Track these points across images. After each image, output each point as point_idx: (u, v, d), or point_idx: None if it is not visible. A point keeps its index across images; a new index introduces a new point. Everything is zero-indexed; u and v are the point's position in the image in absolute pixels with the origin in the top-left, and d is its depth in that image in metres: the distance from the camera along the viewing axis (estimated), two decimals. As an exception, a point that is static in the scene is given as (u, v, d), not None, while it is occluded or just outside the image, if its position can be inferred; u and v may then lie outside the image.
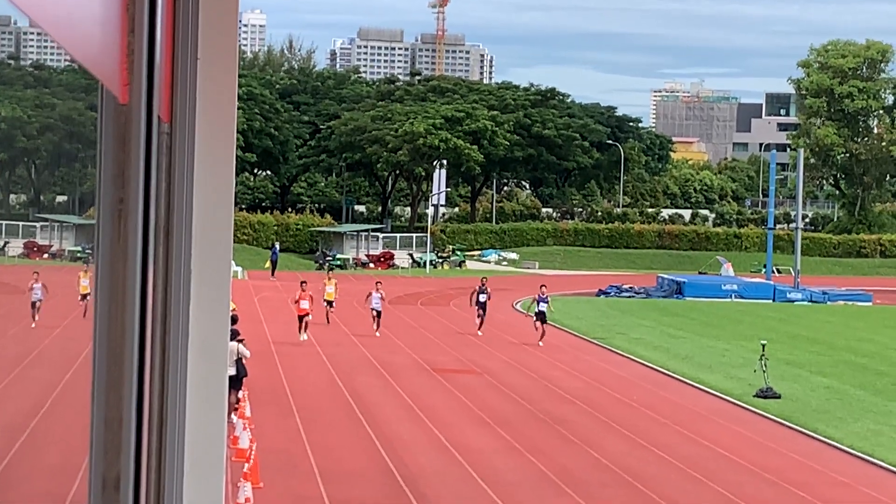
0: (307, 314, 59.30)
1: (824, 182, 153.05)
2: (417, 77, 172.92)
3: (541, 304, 56.91)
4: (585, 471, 35.65)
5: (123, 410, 2.44)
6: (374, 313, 62.04)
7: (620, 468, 36.06)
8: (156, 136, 2.55)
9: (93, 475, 2.42)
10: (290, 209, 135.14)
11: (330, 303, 65.78)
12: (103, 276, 2.39)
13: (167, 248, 2.97)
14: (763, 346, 51.78)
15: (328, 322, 60.91)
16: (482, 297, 60.90)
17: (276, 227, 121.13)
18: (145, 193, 2.36)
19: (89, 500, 2.49)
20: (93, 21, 1.79)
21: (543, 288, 60.07)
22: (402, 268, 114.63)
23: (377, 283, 61.24)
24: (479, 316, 63.77)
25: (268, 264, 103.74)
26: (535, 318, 59.60)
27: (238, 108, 3.80)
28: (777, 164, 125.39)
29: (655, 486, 33.74)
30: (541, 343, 60.90)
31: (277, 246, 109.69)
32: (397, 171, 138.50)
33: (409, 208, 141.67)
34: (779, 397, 48.28)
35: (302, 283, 60.86)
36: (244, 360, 40.40)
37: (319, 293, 66.11)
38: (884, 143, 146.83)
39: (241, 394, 39.00)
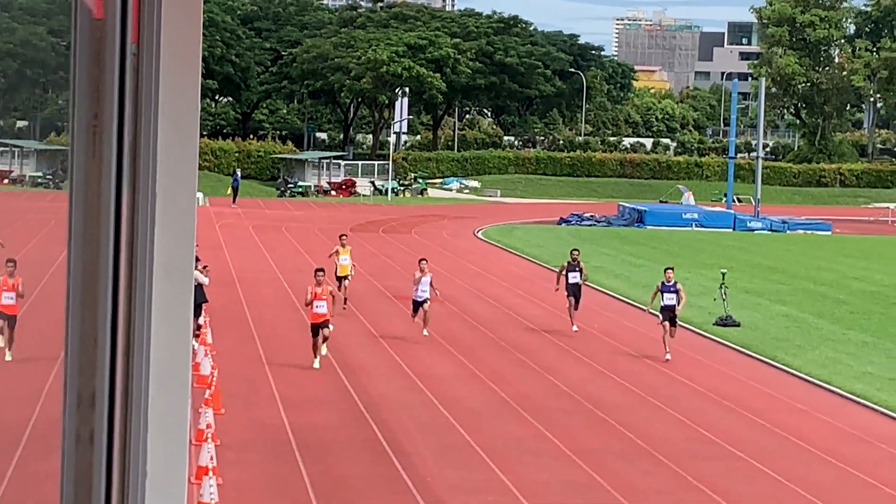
0: (325, 321, 37.35)
1: (785, 111, 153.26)
2: (380, 4, 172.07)
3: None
4: (546, 397, 35.74)
5: (98, 330, 2.44)
6: (420, 305, 42.71)
7: (580, 395, 36.19)
8: (129, 55, 2.55)
9: (68, 392, 2.41)
10: (251, 136, 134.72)
11: (343, 278, 48.11)
12: (78, 192, 2.37)
13: (134, 169, 2.97)
14: (723, 274, 51.98)
15: (345, 306, 45.85)
16: (573, 277, 44.42)
17: (237, 154, 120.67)
18: (119, 111, 2.35)
19: (64, 415, 2.48)
20: None
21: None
22: (364, 196, 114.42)
23: (422, 260, 44.42)
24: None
25: (229, 191, 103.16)
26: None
27: (199, 35, 3.78)
28: (738, 93, 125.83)
29: (615, 413, 33.85)
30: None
31: (239, 173, 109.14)
32: (359, 99, 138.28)
33: (370, 136, 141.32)
34: (738, 325, 48.48)
35: (317, 272, 38.95)
36: (204, 287, 40.28)
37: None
38: (844, 73, 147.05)
39: (201, 320, 38.87)
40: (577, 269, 44.25)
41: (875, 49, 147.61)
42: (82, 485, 2.38)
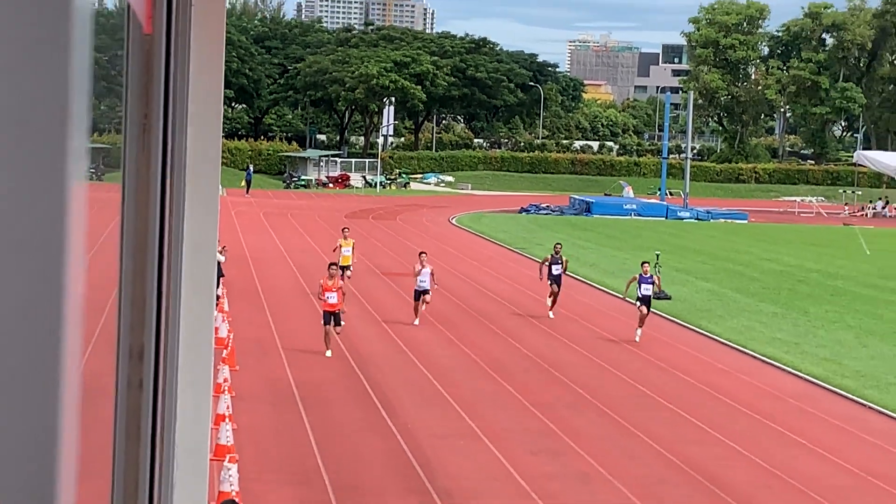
0: (336, 312, 34.58)
1: (710, 119, 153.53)
2: (371, 27, 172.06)
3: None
4: (510, 359, 35.72)
5: (147, 296, 2.43)
6: (422, 295, 39.23)
7: (539, 357, 36.16)
8: (172, 65, 2.55)
9: (121, 347, 2.39)
10: (262, 137, 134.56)
11: (346, 268, 42.79)
12: (130, 179, 2.37)
13: (173, 161, 2.96)
14: (657, 255, 51.97)
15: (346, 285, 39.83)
16: (556, 269, 41.42)
17: (250, 153, 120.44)
18: (164, 112, 2.36)
19: (118, 366, 2.47)
20: None
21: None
22: (357, 188, 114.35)
23: (421, 253, 40.14)
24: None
25: (243, 183, 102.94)
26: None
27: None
28: (671, 104, 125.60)
29: (567, 372, 33.89)
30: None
31: (251, 168, 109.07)
32: (353, 107, 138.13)
33: (362, 138, 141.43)
34: (670, 298, 48.48)
35: (330, 266, 36.48)
36: (221, 264, 40.20)
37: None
38: (760, 87, 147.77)
39: (219, 291, 38.76)
40: (560, 261, 41.18)
41: (785, 67, 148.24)
42: (133, 422, 2.38)
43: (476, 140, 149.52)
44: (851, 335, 42.27)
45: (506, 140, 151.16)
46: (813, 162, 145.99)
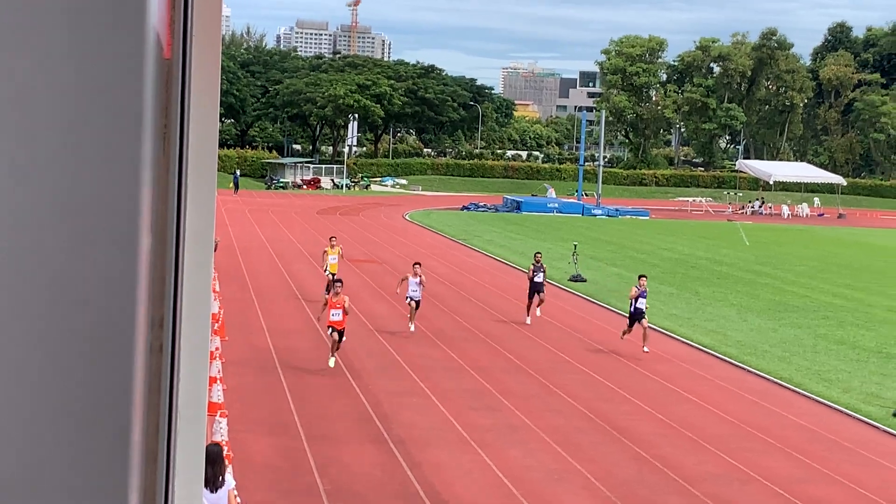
0: (341, 330, 28.46)
1: (618, 133, 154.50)
2: (338, 55, 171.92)
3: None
4: (452, 330, 35.79)
5: (166, 275, 2.43)
6: (412, 303, 34.12)
7: (476, 329, 36.26)
8: (188, 84, 2.57)
9: (146, 316, 2.39)
10: (247, 146, 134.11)
11: (332, 274, 37.20)
12: (154, 179, 2.39)
13: (181, 165, 2.97)
14: (575, 246, 52.08)
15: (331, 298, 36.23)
16: (538, 277, 36.58)
17: (237, 159, 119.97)
18: (180, 123, 2.40)
19: (149, 333, 2.47)
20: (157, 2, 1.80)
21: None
22: (326, 189, 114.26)
23: (415, 264, 34.92)
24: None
25: (231, 185, 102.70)
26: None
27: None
28: (586, 120, 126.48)
29: (500, 342, 33.99)
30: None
31: (238, 172, 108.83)
32: (323, 122, 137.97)
33: (331, 147, 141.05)
34: (585, 281, 48.71)
35: (335, 282, 30.29)
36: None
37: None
38: (659, 107, 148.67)
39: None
40: (541, 269, 36.87)
41: (680, 91, 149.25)
42: (155, 381, 2.38)
43: (426, 150, 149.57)
44: (734, 311, 42.58)
45: (450, 150, 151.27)
46: (703, 169, 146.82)
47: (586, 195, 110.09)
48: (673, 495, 20.23)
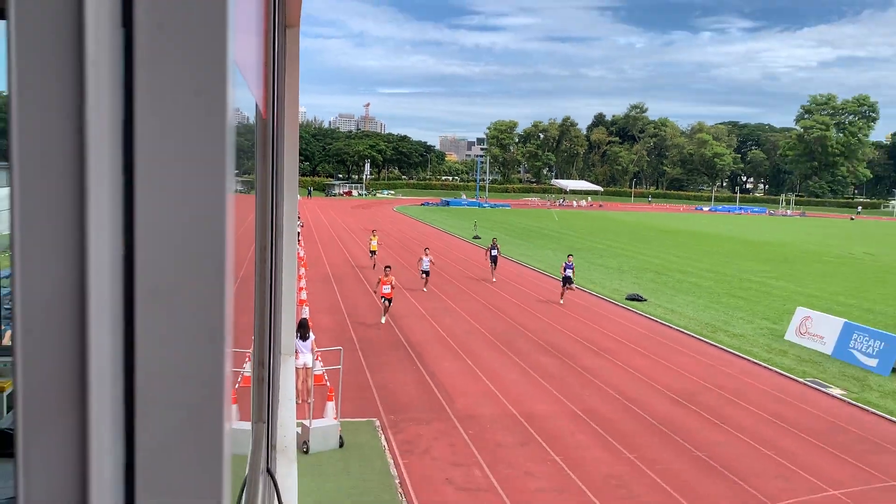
0: (390, 298, 22.26)
1: (496, 168, 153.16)
2: (359, 131, 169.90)
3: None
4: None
5: (269, 229, 2.33)
6: (423, 274, 27.76)
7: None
8: (277, 137, 2.46)
9: (259, 244, 2.25)
10: (315, 175, 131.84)
11: (373, 252, 33.06)
12: (260, 192, 2.21)
13: (277, 184, 2.82)
14: (475, 223, 52.16)
15: (374, 267, 31.79)
16: (494, 253, 30.77)
17: (311, 182, 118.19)
18: (273, 154, 2.26)
19: (258, 255, 2.30)
20: (256, 74, 1.65)
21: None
22: (354, 196, 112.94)
23: (426, 249, 28.83)
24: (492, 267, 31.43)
25: (307, 193, 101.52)
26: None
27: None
28: (480, 161, 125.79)
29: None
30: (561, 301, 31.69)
31: (311, 188, 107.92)
32: (352, 163, 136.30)
33: (356, 175, 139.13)
34: (480, 238, 48.56)
35: (385, 267, 23.88)
36: (301, 228, 39.40)
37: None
38: (514, 154, 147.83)
39: (300, 237, 38.21)
40: (496, 248, 30.89)
41: (525, 146, 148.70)
42: (268, 285, 2.29)
43: (403, 176, 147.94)
44: (550, 252, 42.47)
45: (415, 177, 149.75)
46: (536, 184, 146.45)
47: (481, 197, 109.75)
48: (520, 338, 20.24)
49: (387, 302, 21.68)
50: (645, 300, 26.56)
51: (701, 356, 19.13)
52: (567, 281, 25.57)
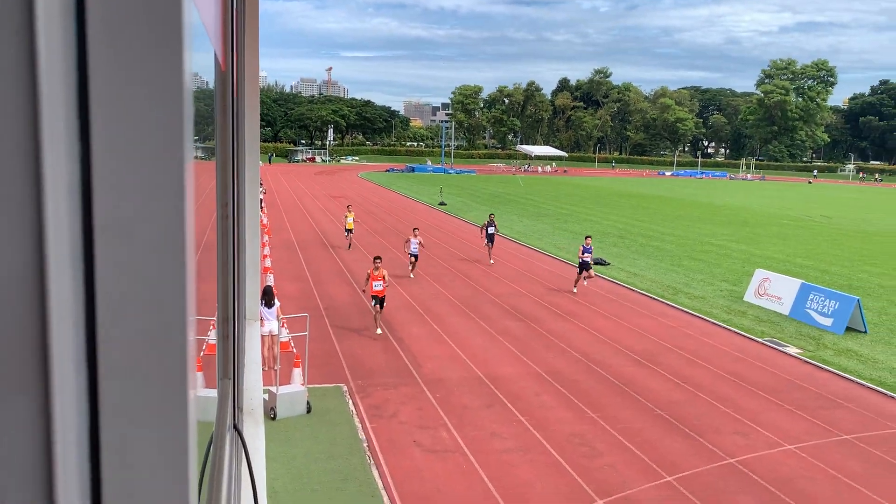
0: (382, 297, 17.08)
1: (460, 133, 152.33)
2: (322, 96, 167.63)
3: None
4: (384, 230, 35.39)
5: (231, 192, 2.30)
6: (412, 258, 24.01)
7: (391, 228, 35.90)
8: (238, 94, 2.40)
9: (221, 205, 2.23)
10: (277, 142, 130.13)
11: (349, 231, 29.17)
12: (221, 150, 2.19)
13: (238, 145, 2.76)
14: (441, 188, 52.05)
15: (349, 247, 28.61)
16: (490, 230, 26.73)
17: (272, 149, 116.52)
18: (234, 108, 2.21)
19: (221, 214, 2.28)
20: (214, 20, 1.59)
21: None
22: (318, 162, 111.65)
23: (415, 229, 24.89)
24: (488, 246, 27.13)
25: (268, 160, 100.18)
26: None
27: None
28: (445, 127, 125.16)
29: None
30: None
31: (272, 154, 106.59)
32: (315, 129, 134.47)
33: (320, 141, 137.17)
34: (445, 204, 48.56)
35: (375, 259, 17.53)
36: (263, 195, 38.91)
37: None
38: (479, 119, 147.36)
39: (262, 204, 37.68)
40: (493, 224, 26.72)
41: (490, 111, 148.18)
42: (231, 246, 2.26)
43: (367, 142, 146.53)
44: (515, 216, 42.55)
45: (379, 142, 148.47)
46: (501, 149, 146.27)
47: (446, 164, 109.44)
48: (487, 304, 20.36)
49: (378, 305, 16.77)
50: (608, 264, 26.88)
51: (662, 318, 19.48)
52: (584, 267, 21.56)
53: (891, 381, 15.06)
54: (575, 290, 21.77)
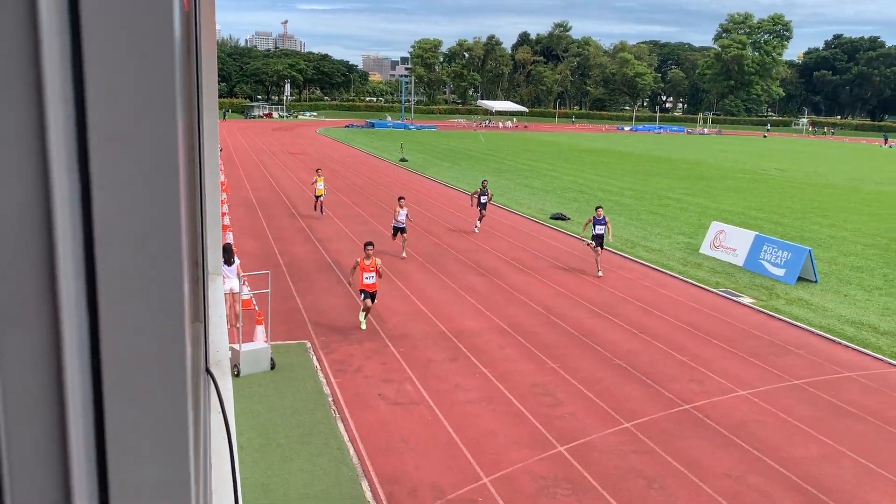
0: (374, 292, 14.12)
1: (420, 88, 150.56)
2: (277, 49, 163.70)
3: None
4: (343, 183, 35.10)
5: (194, 145, 2.27)
6: (399, 232, 20.37)
7: (348, 180, 35.63)
8: (199, 38, 2.35)
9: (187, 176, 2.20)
10: (232, 97, 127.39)
11: (319, 196, 26.00)
12: (184, 98, 2.16)
13: (199, 96, 2.72)
14: (402, 144, 51.62)
15: (322, 213, 26.13)
16: (483, 199, 24.34)
17: (228, 104, 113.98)
18: (196, 54, 2.17)
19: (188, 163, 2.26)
20: None
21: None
22: (275, 118, 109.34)
23: (400, 198, 20.99)
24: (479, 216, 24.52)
25: (222, 116, 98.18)
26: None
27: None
28: (405, 82, 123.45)
29: (372, 194, 33.46)
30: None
31: (228, 110, 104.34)
32: (272, 83, 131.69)
33: (276, 97, 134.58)
34: (407, 161, 48.26)
35: (366, 245, 14.01)
36: (221, 150, 38.33)
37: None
38: (439, 74, 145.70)
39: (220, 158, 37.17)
40: (486, 193, 24.30)
41: (450, 66, 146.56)
42: (197, 198, 2.24)
43: (325, 97, 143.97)
44: (478, 173, 42.71)
45: (337, 98, 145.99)
46: (462, 104, 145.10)
47: (406, 119, 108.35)
48: (450, 260, 20.43)
49: (369, 300, 14.00)
50: (568, 219, 27.13)
51: (621, 271, 19.81)
52: (598, 242, 19.02)
53: (839, 328, 15.62)
54: (600, 273, 18.93)
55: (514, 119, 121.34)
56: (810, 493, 9.03)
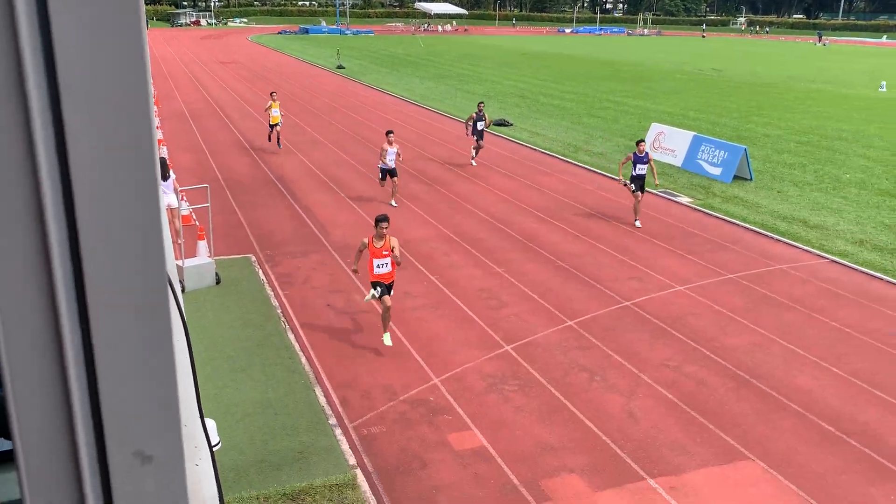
0: (389, 282, 9.66)
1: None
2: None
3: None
4: (285, 94, 34.15)
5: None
6: (387, 175, 16.19)
7: (281, 91, 34.68)
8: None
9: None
10: (156, 4, 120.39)
11: (274, 125, 21.38)
12: None
13: None
14: (338, 50, 50.11)
15: (279, 147, 21.77)
16: (479, 125, 20.01)
17: (154, 12, 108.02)
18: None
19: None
20: None
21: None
22: (203, 26, 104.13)
23: (389, 132, 16.45)
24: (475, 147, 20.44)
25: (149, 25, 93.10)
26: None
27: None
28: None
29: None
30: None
31: (154, 18, 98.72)
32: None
33: (204, 2, 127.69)
34: (344, 67, 47.00)
35: (380, 222, 9.35)
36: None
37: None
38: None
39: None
40: (483, 118, 20.11)
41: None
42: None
43: (256, 3, 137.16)
44: (417, 79, 41.78)
45: (269, 4, 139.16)
46: (399, 7, 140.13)
47: (342, 24, 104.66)
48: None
49: (386, 293, 9.83)
50: (511, 125, 27.06)
51: (564, 175, 20.02)
52: (638, 185, 15.52)
53: (772, 223, 16.24)
54: (638, 224, 15.71)
55: (454, 22, 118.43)
56: (742, 379, 9.62)
